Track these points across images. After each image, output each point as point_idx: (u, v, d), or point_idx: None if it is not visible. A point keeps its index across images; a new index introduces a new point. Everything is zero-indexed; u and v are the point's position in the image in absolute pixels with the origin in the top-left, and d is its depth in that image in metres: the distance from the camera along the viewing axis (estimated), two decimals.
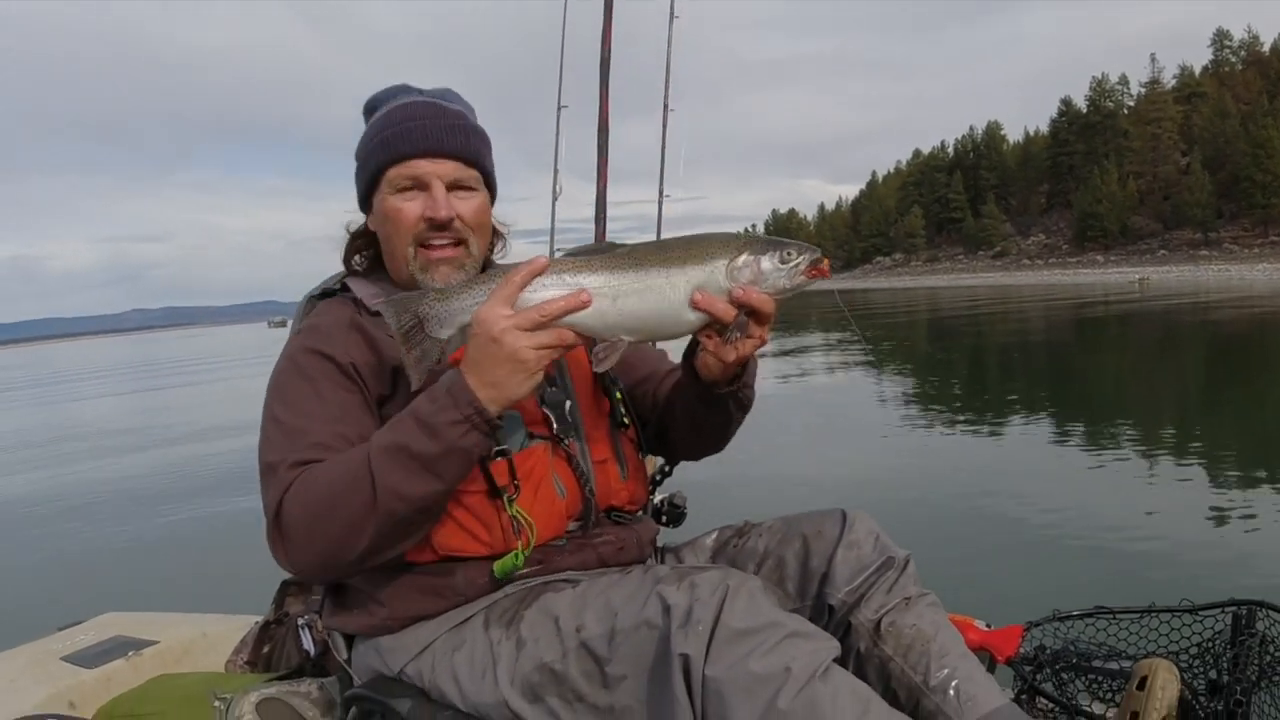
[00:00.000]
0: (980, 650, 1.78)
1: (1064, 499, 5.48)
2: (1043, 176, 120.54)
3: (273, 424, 1.43)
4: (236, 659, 2.18)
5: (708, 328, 1.34)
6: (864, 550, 1.47)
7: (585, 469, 1.51)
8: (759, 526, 1.61)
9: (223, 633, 2.45)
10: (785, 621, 1.21)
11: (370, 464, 1.27)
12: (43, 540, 6.92)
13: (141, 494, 8.30)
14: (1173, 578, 4.00)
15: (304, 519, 1.31)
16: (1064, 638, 1.88)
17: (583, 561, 1.48)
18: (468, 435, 1.26)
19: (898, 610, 1.43)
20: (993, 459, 7.04)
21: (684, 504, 1.87)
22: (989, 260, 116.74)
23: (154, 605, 2.92)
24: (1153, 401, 9.80)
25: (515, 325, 1.23)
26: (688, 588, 1.23)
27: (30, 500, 8.47)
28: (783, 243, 1.32)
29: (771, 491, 5.95)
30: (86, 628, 2.61)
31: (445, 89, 1.64)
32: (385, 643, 1.45)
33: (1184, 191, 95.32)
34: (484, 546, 1.41)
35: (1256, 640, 1.72)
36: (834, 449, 7.71)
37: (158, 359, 49.69)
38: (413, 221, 1.51)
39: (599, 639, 1.27)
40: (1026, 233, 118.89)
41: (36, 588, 5.63)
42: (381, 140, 1.53)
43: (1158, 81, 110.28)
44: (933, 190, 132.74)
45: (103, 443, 11.89)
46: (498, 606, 1.41)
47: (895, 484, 6.15)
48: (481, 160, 1.59)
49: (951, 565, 4.14)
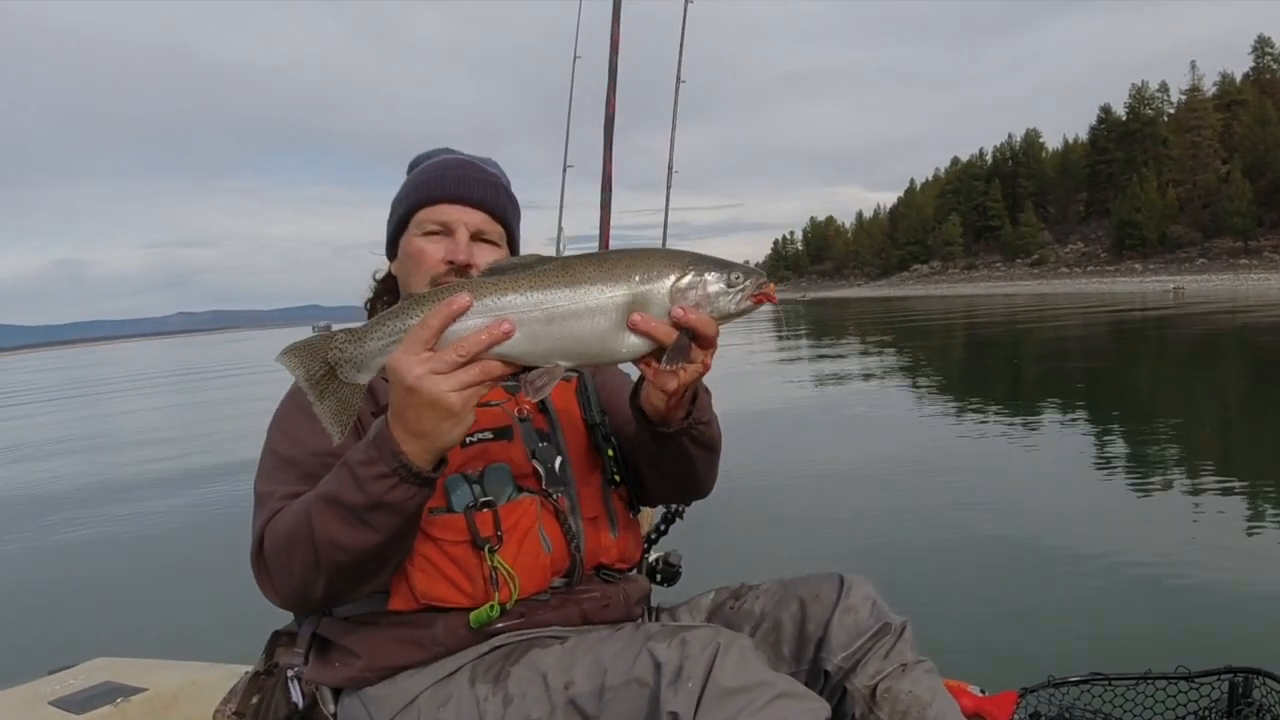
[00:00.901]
0: (974, 717, 1.76)
1: (1067, 545, 5.38)
2: (1081, 184, 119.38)
3: (269, 454, 1.48)
4: (225, 709, 2.15)
5: (648, 355, 1.25)
6: (861, 615, 1.47)
7: (574, 525, 1.52)
8: (756, 589, 1.61)
9: (212, 681, 2.43)
10: (775, 681, 1.20)
11: (310, 513, 1.28)
12: (40, 577, 6.89)
13: (148, 527, 8.24)
14: (1182, 630, 3.93)
15: (274, 557, 1.34)
16: (1059, 704, 1.87)
17: (565, 617, 1.48)
18: (395, 489, 1.22)
19: (894, 676, 1.42)
20: (990, 495, 6.90)
21: (679, 563, 1.87)
22: (1026, 268, 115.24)
23: (149, 647, 2.90)
24: (1165, 428, 9.56)
25: (431, 370, 1.15)
26: (678, 645, 1.23)
27: (33, 527, 8.43)
28: (730, 264, 1.25)
29: (756, 553, 5.85)
30: (76, 672, 2.61)
31: (488, 158, 1.71)
32: (371, 695, 1.44)
33: (1224, 200, 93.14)
34: (465, 597, 1.41)
35: (1254, 710, 1.70)
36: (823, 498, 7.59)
37: (196, 365, 48.51)
38: (434, 262, 1.55)
39: (588, 696, 1.26)
40: (1064, 241, 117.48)
41: (31, 627, 5.59)
42: (415, 185, 1.61)
43: (1198, 89, 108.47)
44: (971, 198, 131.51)
45: (111, 472, 11.81)
46: (484, 661, 1.40)
47: (888, 535, 6.06)
48: (507, 217, 1.64)
49: (943, 622, 4.08)
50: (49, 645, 4.73)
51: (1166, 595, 4.48)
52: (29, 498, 10.50)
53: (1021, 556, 5.29)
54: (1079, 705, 1.87)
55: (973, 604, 4.53)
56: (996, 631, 4.15)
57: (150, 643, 4.35)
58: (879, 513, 6.55)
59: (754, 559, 5.52)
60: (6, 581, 6.89)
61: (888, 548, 5.62)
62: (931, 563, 5.25)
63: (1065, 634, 4.02)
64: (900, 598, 1.58)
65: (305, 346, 1.23)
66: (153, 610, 5.72)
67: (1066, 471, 7.50)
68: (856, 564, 1.69)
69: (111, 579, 6.71)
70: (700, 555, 2.12)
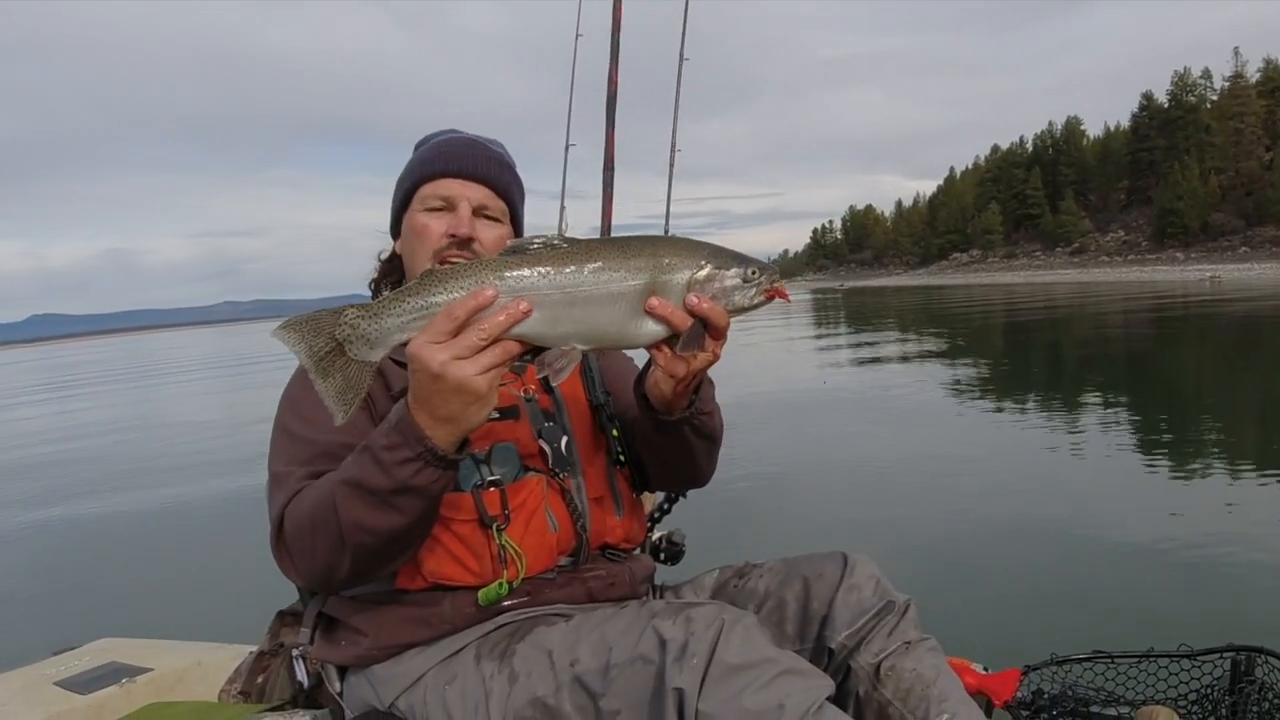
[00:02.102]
0: (977, 694, 1.76)
1: (1070, 524, 5.39)
2: (1122, 172, 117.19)
3: (282, 433, 1.47)
4: (230, 688, 2.16)
5: (660, 342, 1.27)
6: (864, 594, 1.47)
7: (580, 505, 1.52)
8: (760, 567, 1.61)
9: (218, 661, 2.44)
10: (780, 658, 1.21)
11: (334, 496, 1.28)
12: (47, 559, 6.91)
13: (154, 507, 8.26)
14: (1182, 613, 3.95)
15: (296, 538, 1.33)
16: (1062, 682, 1.87)
17: (571, 595, 1.48)
18: (421, 473, 1.23)
19: (898, 654, 1.43)
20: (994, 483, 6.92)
21: (682, 541, 1.87)
22: (1066, 257, 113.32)
23: (154, 628, 2.91)
24: (1174, 412, 9.51)
25: (455, 356, 1.16)
26: (683, 622, 1.23)
27: (44, 513, 8.45)
28: (747, 259, 1.28)
29: (760, 532, 5.87)
30: (81, 653, 2.61)
31: (494, 138, 1.70)
32: (378, 673, 1.45)
33: (1267, 188, 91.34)
34: (473, 576, 1.42)
35: (1255, 687, 1.71)
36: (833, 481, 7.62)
37: (245, 352, 47.91)
38: (436, 236, 1.55)
39: (593, 673, 1.27)
40: (1105, 229, 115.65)
41: (37, 608, 5.62)
42: (418, 162, 1.61)
43: (1241, 75, 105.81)
44: (1011, 186, 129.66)
45: (118, 464, 11.82)
46: (489, 640, 1.41)
47: (892, 514, 6.08)
48: (510, 193, 1.63)
49: (947, 601, 4.09)
50: (54, 626, 4.76)
51: (1171, 574, 4.49)
52: (35, 478, 10.55)
53: (1024, 535, 5.30)
54: (1082, 683, 1.87)
55: (976, 582, 4.55)
56: (1000, 609, 4.16)
57: (155, 623, 4.37)
58: (884, 492, 6.56)
59: (757, 538, 5.54)
60: (12, 561, 6.93)
61: (891, 526, 5.64)
62: (935, 541, 5.27)
63: (1068, 612, 4.04)
64: (903, 576, 1.58)
65: (309, 321, 1.21)
66: (158, 590, 5.75)
67: (1071, 453, 7.51)
68: (860, 542, 1.69)
69: (117, 559, 6.74)
70: (703, 534, 2.12)
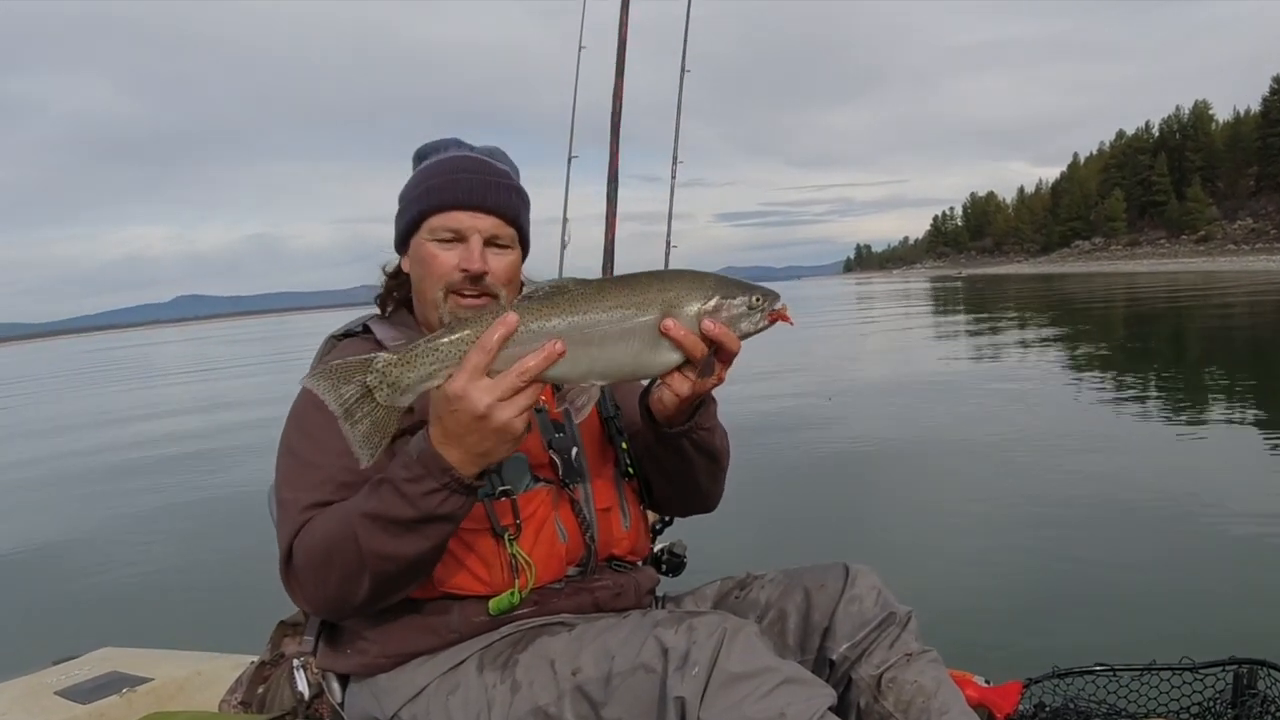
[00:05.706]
0: (979, 707, 1.76)
1: (1072, 536, 5.37)
2: (1252, 158, 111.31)
3: (288, 455, 1.47)
4: (231, 699, 2.16)
5: (677, 369, 1.33)
6: (866, 605, 1.47)
7: (588, 515, 1.52)
8: (761, 578, 1.62)
9: (218, 671, 2.43)
10: (781, 667, 1.21)
11: (355, 529, 1.28)
12: (49, 569, 6.90)
13: (155, 515, 8.25)
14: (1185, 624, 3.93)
15: (308, 568, 1.34)
16: (1064, 695, 1.87)
17: (578, 605, 1.49)
18: (447, 501, 1.26)
19: (899, 666, 1.43)
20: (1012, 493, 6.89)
21: (684, 553, 1.88)
22: (1192, 245, 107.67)
23: (155, 637, 2.90)
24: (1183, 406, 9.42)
25: (498, 399, 1.19)
26: (685, 631, 1.24)
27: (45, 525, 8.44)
28: (751, 287, 1.34)
29: (760, 543, 5.85)
30: (82, 662, 2.61)
31: (495, 148, 1.69)
32: (380, 684, 1.45)
33: None
34: (483, 585, 1.42)
35: (1258, 701, 1.70)
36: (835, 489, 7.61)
37: None
38: (448, 270, 1.53)
39: (595, 682, 1.27)
40: (1233, 217, 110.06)
41: (37, 617, 5.60)
42: (427, 188, 1.57)
43: None
44: (1135, 172, 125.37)
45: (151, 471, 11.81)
46: (492, 650, 1.41)
47: (893, 526, 6.07)
48: (519, 219, 1.62)
49: (948, 612, 4.07)
50: (55, 635, 4.75)
51: (1173, 587, 4.47)
52: (40, 482, 10.54)
53: (1027, 546, 5.28)
54: (1084, 696, 1.87)
55: (978, 594, 4.53)
56: (1001, 622, 4.15)
57: (156, 633, 4.36)
58: (885, 502, 6.55)
59: (758, 549, 5.52)
60: (12, 571, 6.91)
61: (893, 537, 5.62)
62: (937, 553, 5.25)
63: (1070, 625, 4.02)
64: (905, 588, 1.58)
65: (339, 370, 1.23)
66: (159, 600, 5.74)
67: (1075, 462, 7.46)
68: (861, 553, 1.69)
69: (117, 568, 6.73)
70: (704, 545, 2.12)
